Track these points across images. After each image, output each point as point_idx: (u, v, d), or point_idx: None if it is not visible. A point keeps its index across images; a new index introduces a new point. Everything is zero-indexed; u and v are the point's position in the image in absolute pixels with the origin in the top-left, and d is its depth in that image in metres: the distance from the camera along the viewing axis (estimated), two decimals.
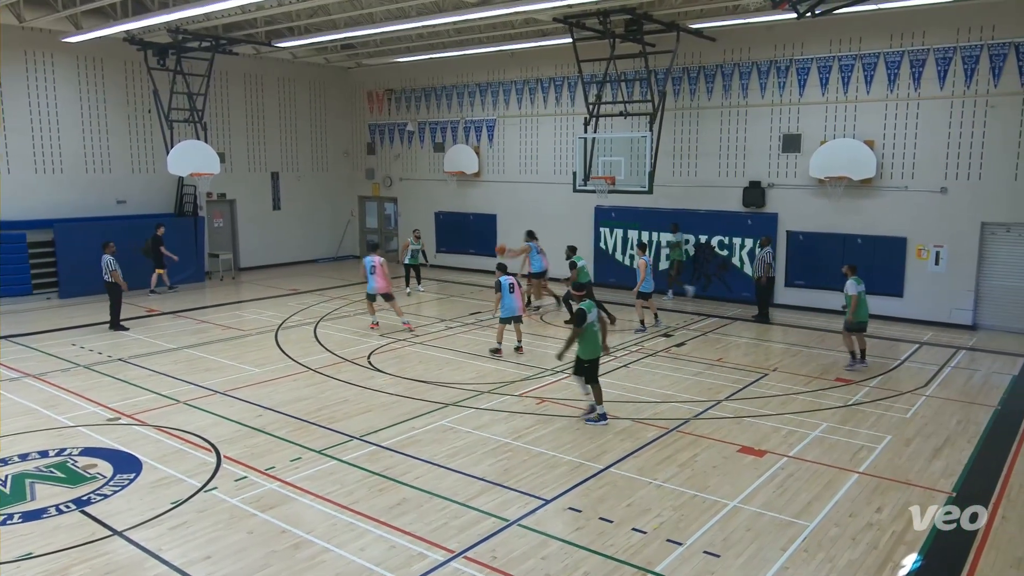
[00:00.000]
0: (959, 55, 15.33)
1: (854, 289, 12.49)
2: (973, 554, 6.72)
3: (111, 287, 15.36)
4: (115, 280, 15.25)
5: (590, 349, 9.96)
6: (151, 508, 7.56)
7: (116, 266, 15.28)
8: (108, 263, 15.27)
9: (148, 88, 20.10)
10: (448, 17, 16.72)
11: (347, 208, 27.11)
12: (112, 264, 15.26)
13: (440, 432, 9.76)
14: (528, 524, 7.22)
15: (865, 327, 12.79)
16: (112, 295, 15.47)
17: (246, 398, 11.17)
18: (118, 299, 15.53)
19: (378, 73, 25.58)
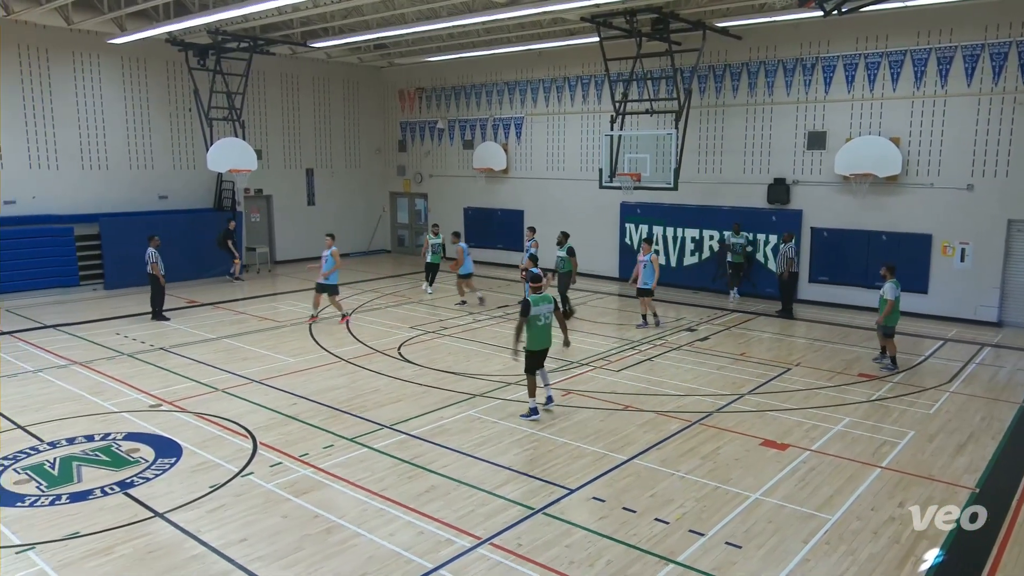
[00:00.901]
0: (987, 52, 14.98)
1: (892, 293, 12.01)
2: (996, 550, 6.59)
3: (152, 279, 15.63)
4: (153, 272, 15.51)
5: (532, 340, 9.81)
6: (190, 491, 7.69)
7: (156, 259, 15.54)
8: (150, 255, 15.53)
9: (189, 87, 20.38)
10: (478, 17, 16.70)
11: (379, 204, 27.26)
12: (153, 257, 15.52)
13: (468, 422, 9.79)
14: (553, 512, 7.23)
15: (894, 331, 12.40)
16: (153, 286, 15.75)
17: (281, 387, 11.29)
18: (158, 290, 15.79)
19: (410, 72, 25.65)
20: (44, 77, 18.84)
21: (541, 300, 9.86)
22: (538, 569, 6.23)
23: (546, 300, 9.93)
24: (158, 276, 15.57)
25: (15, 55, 18.30)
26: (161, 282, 15.69)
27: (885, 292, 12.09)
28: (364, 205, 26.75)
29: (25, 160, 18.69)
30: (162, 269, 15.66)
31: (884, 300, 12.08)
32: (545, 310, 9.87)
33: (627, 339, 14.24)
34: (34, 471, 8.22)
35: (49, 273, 18.59)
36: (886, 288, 12.10)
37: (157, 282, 15.66)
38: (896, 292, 12.10)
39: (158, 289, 15.77)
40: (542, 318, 9.82)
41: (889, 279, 12.18)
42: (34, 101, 18.74)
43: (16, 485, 7.85)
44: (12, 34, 18.02)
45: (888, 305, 12.01)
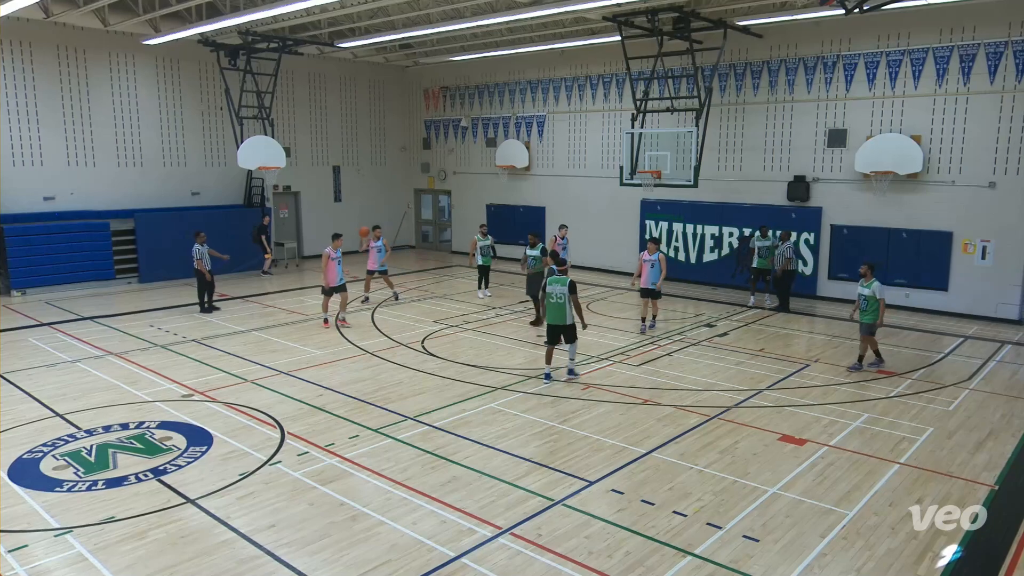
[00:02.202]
0: (1010, 49, 14.67)
1: (882, 292, 11.57)
2: (1015, 547, 6.49)
3: (199, 274, 15.88)
4: (199, 268, 15.73)
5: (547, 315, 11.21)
6: (221, 479, 7.78)
7: (201, 255, 15.76)
8: (195, 251, 15.77)
9: (220, 87, 20.58)
10: (501, 17, 16.67)
11: (403, 200, 27.35)
12: (198, 253, 15.76)
13: (489, 414, 9.81)
14: (572, 504, 7.23)
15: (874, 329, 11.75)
16: (200, 281, 16.01)
17: (308, 378, 11.38)
18: (205, 285, 16.02)
19: (434, 71, 25.68)
20: (82, 77, 19.12)
21: (557, 281, 10.98)
22: (557, 559, 6.23)
23: (561, 283, 10.95)
24: (204, 272, 15.79)
25: (54, 56, 18.59)
26: (208, 277, 15.93)
27: (878, 291, 11.53)
28: (389, 201, 26.84)
29: (63, 157, 19.01)
30: (208, 265, 15.88)
31: (876, 300, 11.52)
32: (558, 291, 10.93)
33: (647, 334, 14.16)
34: (72, 457, 8.37)
35: (86, 267, 18.89)
36: (876, 287, 11.55)
37: (204, 277, 15.89)
38: (883, 290, 11.63)
39: (205, 283, 16.01)
40: (554, 297, 10.95)
41: (871, 278, 11.66)
42: (72, 100, 19.03)
43: (55, 471, 8.00)
44: (51, 36, 18.32)
45: (882, 303, 11.51)
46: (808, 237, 17.61)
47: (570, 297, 10.93)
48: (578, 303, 11.09)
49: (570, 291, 10.89)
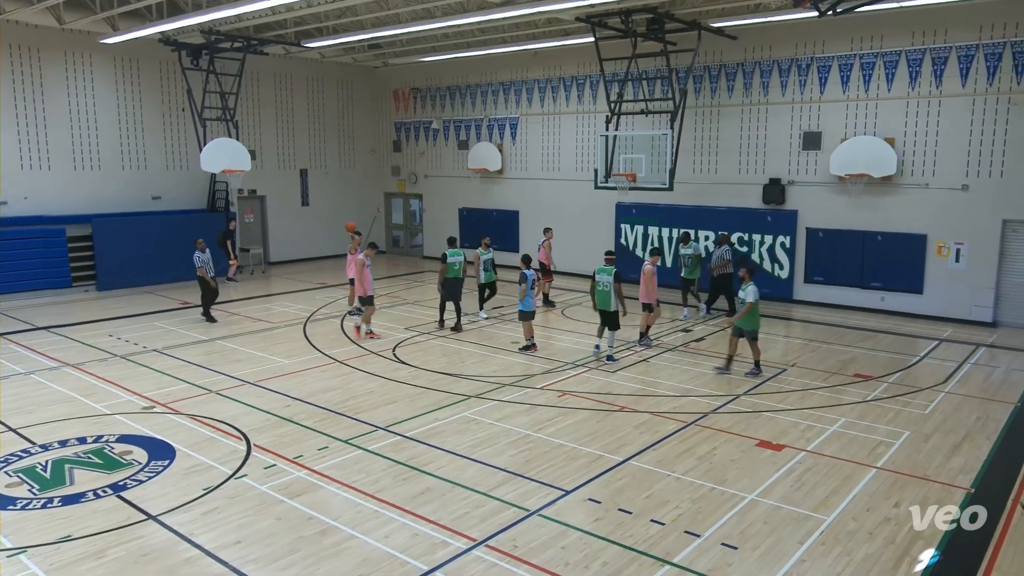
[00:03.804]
0: (981, 52, 15.04)
1: (754, 295, 11.50)
2: (991, 550, 6.62)
3: (202, 282, 15.72)
4: (202, 275, 15.58)
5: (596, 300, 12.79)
6: (184, 494, 7.66)
7: (202, 263, 15.58)
8: (197, 259, 15.61)
9: (182, 87, 20.34)
10: (472, 17, 16.70)
11: (373, 204, 27.22)
12: (199, 261, 15.58)
13: (463, 423, 9.79)
14: (548, 514, 7.23)
15: (757, 335, 11.86)
16: (203, 289, 15.85)
17: (275, 388, 11.27)
18: (206, 292, 15.83)
19: (404, 72, 25.63)
20: (36, 77, 18.77)
21: (604, 271, 12.58)
22: (534, 571, 6.23)
23: (608, 272, 12.53)
24: (207, 279, 15.61)
25: (6, 55, 18.23)
26: (212, 284, 15.75)
27: (750, 295, 11.49)
28: (358, 206, 26.69)
29: (17, 161, 18.63)
30: (211, 272, 15.68)
31: (743, 302, 11.55)
32: (605, 280, 12.51)
33: (622, 340, 14.23)
34: (26, 474, 8.19)
35: (41, 275, 18.53)
36: (748, 290, 11.52)
37: (207, 285, 15.72)
38: (757, 295, 11.57)
39: (208, 292, 15.84)
40: (601, 285, 12.52)
41: (748, 281, 11.65)
42: (26, 101, 18.67)
43: (8, 488, 7.82)
44: (3, 34, 17.96)
45: (747, 307, 11.49)
46: (784, 240, 17.85)
47: (614, 285, 12.42)
48: (621, 291, 12.49)
49: (615, 280, 12.44)
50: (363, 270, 14.09)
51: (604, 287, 12.54)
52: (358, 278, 14.26)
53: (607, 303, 12.58)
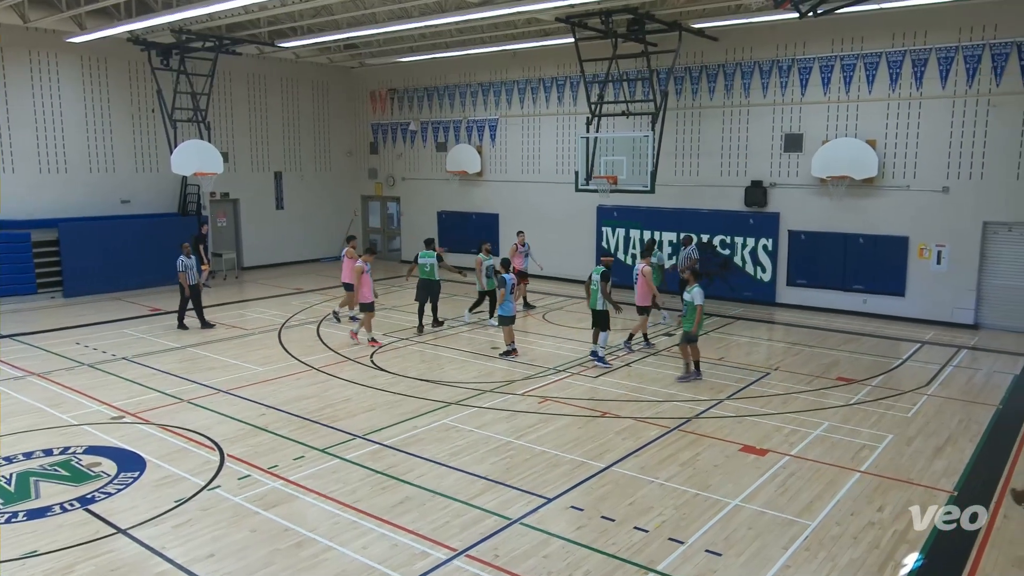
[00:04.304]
0: (961, 54, 15.30)
1: (701, 298, 11.51)
2: (975, 553, 6.71)
3: (182, 288, 15.53)
4: (181, 282, 15.40)
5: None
6: (155, 506, 7.57)
7: (184, 267, 15.36)
8: (180, 264, 15.40)
9: (152, 88, 20.14)
10: (451, 17, 16.71)
11: (350, 207, 27.11)
12: (180, 265, 15.36)
13: (442, 431, 9.76)
14: (530, 523, 7.23)
15: (696, 338, 11.88)
16: (181, 294, 15.63)
17: (249, 397, 11.18)
18: (185, 299, 15.62)
19: (381, 73, 25.58)
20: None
21: (597, 271, 12.81)
22: None
23: (598, 271, 12.79)
24: (184, 285, 15.41)
25: None
26: (187, 292, 15.51)
27: (696, 298, 11.48)
28: (335, 209, 26.58)
29: None
30: (191, 279, 15.46)
31: (694, 306, 11.49)
32: (596, 278, 12.69)
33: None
34: None
35: (5, 281, 18.21)
36: (695, 293, 11.50)
37: (183, 292, 15.51)
38: (703, 298, 11.60)
39: (185, 298, 15.61)
40: (594, 283, 12.70)
41: (695, 283, 11.64)
42: None
43: None
44: None
45: (699, 310, 11.48)
46: (766, 243, 18.02)
47: (601, 284, 12.60)
48: (606, 290, 12.65)
49: (602, 279, 12.64)
50: (362, 276, 14.02)
51: (595, 285, 12.78)
52: (357, 284, 14.20)
53: (595, 302, 12.78)
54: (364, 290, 14.11)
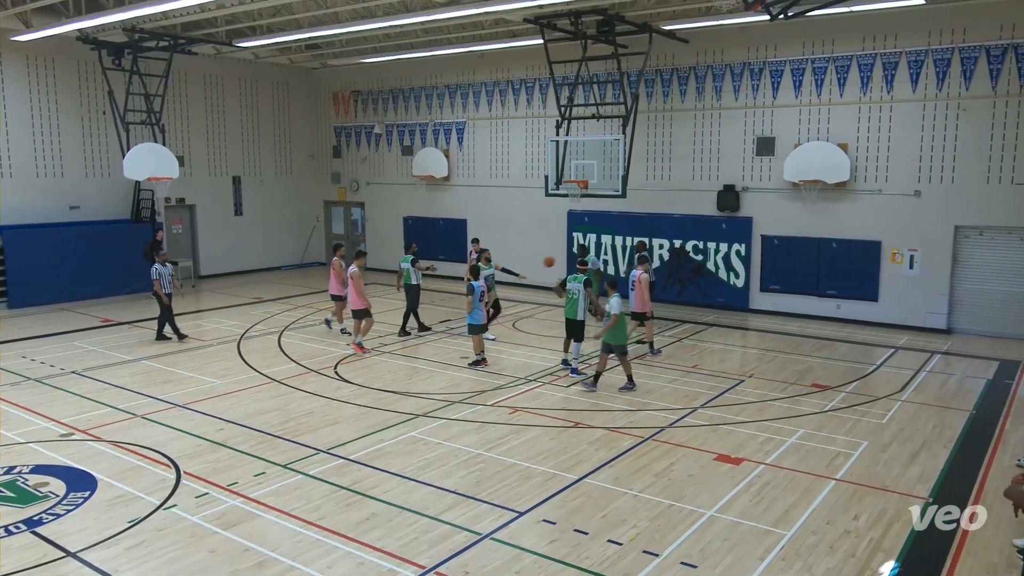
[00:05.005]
0: (931, 58, 15.68)
1: (618, 308, 11.60)
2: (950, 560, 6.84)
3: (157, 297, 15.25)
4: (157, 291, 15.13)
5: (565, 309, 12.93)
6: (107, 527, 7.43)
7: (159, 276, 15.09)
8: (154, 272, 15.14)
9: (103, 89, 19.80)
10: (416, 17, 16.70)
11: (312, 213, 26.92)
12: (155, 274, 15.11)
13: (410, 444, 9.72)
14: (501, 537, 7.22)
15: (626, 349, 12.01)
16: (159, 303, 15.35)
17: (207, 411, 11.03)
18: (165, 308, 15.35)
19: (344, 74, 25.47)
20: None
21: (575, 279, 12.77)
22: None
23: (577, 280, 12.72)
24: (160, 295, 15.12)
25: None
26: (164, 301, 15.22)
27: (612, 307, 11.60)
28: (296, 215, 26.37)
29: None
30: (167, 288, 15.18)
31: (610, 315, 11.64)
32: (574, 287, 12.66)
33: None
34: None
35: None
36: (612, 303, 11.63)
37: (162, 300, 15.22)
38: (620, 307, 11.67)
39: (167, 307, 15.33)
40: (572, 293, 12.64)
41: (614, 293, 11.77)
42: None
43: None
44: None
45: (613, 319, 11.55)
46: (739, 248, 18.24)
47: (584, 292, 12.61)
48: (592, 296, 12.75)
49: (584, 286, 12.63)
50: (358, 282, 14.15)
51: (574, 295, 12.67)
52: (352, 291, 14.26)
53: (575, 312, 12.72)
54: (358, 297, 14.21)
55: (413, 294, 15.83)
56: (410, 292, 15.80)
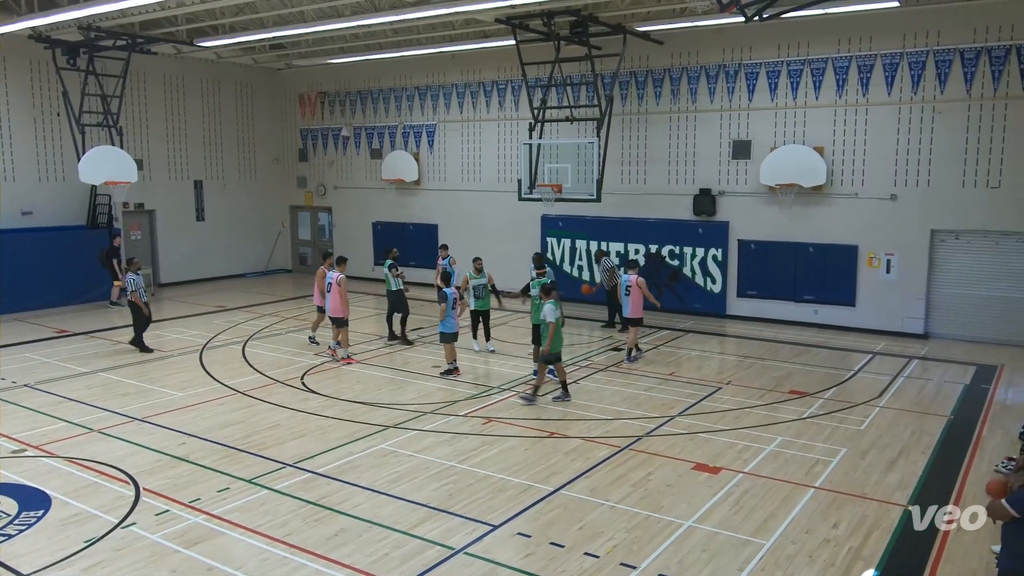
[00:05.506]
0: (905, 61, 15.98)
1: (553, 315, 11.50)
2: (929, 567, 6.95)
3: (133, 307, 14.98)
4: (134, 300, 14.85)
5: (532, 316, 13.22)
6: (62, 548, 7.30)
7: (137, 286, 14.82)
8: (130, 281, 14.87)
9: (57, 89, 19.51)
10: (384, 17, 16.68)
11: (277, 219, 26.71)
12: (133, 284, 14.83)
13: (380, 456, 9.67)
14: (475, 552, 7.20)
15: (560, 357, 11.95)
16: (134, 315, 15.08)
17: (167, 425, 10.89)
18: (139, 319, 15.08)
19: (310, 75, 25.34)
20: None
21: (537, 284, 13.07)
22: None
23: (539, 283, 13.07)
24: (139, 305, 14.86)
25: None
26: (144, 311, 14.96)
27: (546, 315, 11.54)
28: (261, 220, 26.15)
29: None
30: (144, 296, 14.93)
31: (546, 324, 11.51)
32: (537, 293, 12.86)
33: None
34: None
35: None
36: (547, 309, 11.56)
37: (139, 312, 14.95)
38: (556, 313, 11.62)
39: (140, 319, 15.05)
40: (537, 297, 12.81)
41: (547, 300, 11.69)
42: None
43: None
44: None
45: (551, 328, 11.46)
46: (716, 253, 18.42)
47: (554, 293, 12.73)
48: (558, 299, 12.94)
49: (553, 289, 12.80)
50: (342, 289, 14.19)
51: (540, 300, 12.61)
52: (336, 298, 14.22)
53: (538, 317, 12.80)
54: (344, 305, 14.26)
55: (391, 300, 15.83)
56: (389, 298, 15.85)
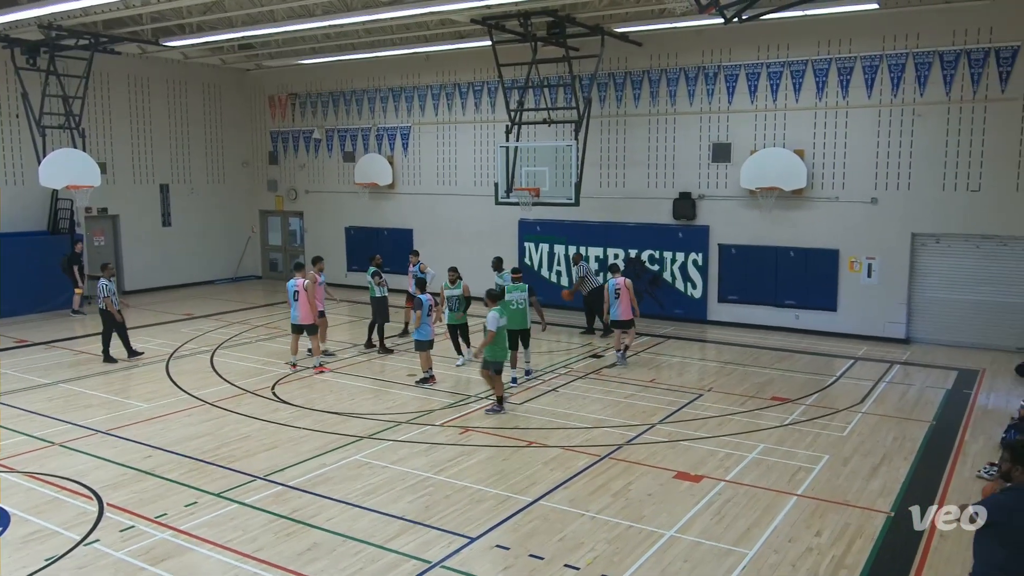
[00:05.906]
0: (885, 63, 16.21)
1: (495, 323, 11.44)
2: (913, 574, 7.02)
3: (104, 314, 14.73)
4: (107, 307, 14.59)
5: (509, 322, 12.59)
6: (21, 567, 7.19)
7: (110, 292, 14.60)
8: (102, 288, 14.62)
9: (16, 90, 19.27)
10: (356, 16, 16.65)
11: (247, 224, 26.54)
12: (105, 290, 14.59)
13: (354, 468, 9.62)
14: (452, 565, 7.18)
15: (502, 367, 11.83)
16: (105, 323, 14.83)
17: (132, 437, 10.77)
18: (109, 329, 14.86)
19: (281, 76, 25.22)
20: None
21: (515, 288, 13.30)
22: None
23: (520, 289, 13.35)
24: (112, 312, 14.65)
25: None
26: (118, 318, 14.75)
27: (489, 323, 11.47)
28: (229, 226, 25.96)
29: None
30: (116, 304, 14.74)
31: (487, 331, 11.50)
32: (518, 297, 13.20)
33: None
34: None
35: None
36: (489, 318, 11.49)
37: (112, 319, 14.72)
38: (499, 322, 11.55)
39: (111, 327, 14.82)
40: (515, 303, 13.06)
41: (493, 307, 11.68)
42: None
43: None
44: None
45: (490, 336, 11.43)
46: (696, 258, 18.55)
47: (530, 300, 13.41)
48: (538, 305, 13.62)
49: (530, 294, 13.42)
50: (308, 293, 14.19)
51: (519, 305, 13.15)
52: (304, 305, 14.19)
53: (524, 322, 13.24)
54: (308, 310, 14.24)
55: (373, 307, 15.70)
56: (372, 305, 15.74)
